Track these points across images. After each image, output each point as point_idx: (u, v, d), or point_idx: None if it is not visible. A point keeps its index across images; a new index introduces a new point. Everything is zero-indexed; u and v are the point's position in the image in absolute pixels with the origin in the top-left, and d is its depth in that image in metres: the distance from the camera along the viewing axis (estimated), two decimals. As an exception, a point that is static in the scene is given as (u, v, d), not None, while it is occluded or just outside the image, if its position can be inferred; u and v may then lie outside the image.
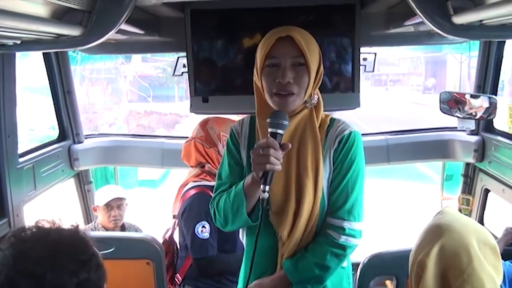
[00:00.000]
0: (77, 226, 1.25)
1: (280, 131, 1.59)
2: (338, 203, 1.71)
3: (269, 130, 1.59)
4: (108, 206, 3.20)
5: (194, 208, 2.50)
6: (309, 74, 1.66)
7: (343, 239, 1.69)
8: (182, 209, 2.56)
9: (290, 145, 1.60)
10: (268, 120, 1.60)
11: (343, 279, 1.84)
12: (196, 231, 2.47)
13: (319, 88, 2.75)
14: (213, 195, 1.84)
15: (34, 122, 10.84)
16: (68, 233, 1.21)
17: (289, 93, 1.65)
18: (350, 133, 1.73)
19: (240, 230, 1.91)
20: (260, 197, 1.57)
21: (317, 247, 1.71)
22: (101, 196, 3.23)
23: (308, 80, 1.66)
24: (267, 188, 1.55)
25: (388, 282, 2.18)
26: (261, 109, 1.74)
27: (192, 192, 2.56)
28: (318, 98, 1.76)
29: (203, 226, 2.47)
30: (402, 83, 24.97)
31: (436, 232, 1.38)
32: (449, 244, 1.34)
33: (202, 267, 2.55)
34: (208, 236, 2.47)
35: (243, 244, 1.93)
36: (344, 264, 1.81)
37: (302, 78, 1.65)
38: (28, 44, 1.75)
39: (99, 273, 1.20)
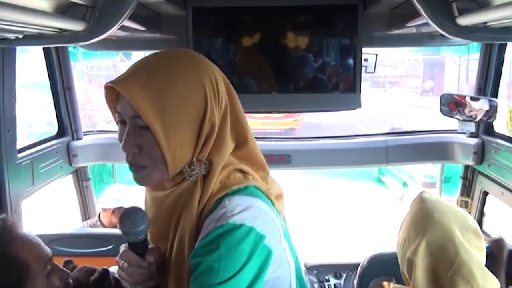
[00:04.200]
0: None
1: (140, 238, 1.18)
2: None
3: (128, 239, 1.20)
4: None
5: None
6: (160, 140, 1.11)
7: None
8: None
9: (156, 251, 1.20)
10: (118, 227, 1.20)
11: None
12: None
13: (319, 89, 2.79)
14: None
15: (32, 118, 10.80)
16: None
17: (138, 167, 1.16)
18: (221, 226, 1.09)
19: None
20: None
21: None
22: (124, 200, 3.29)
23: (162, 148, 1.11)
24: None
25: (385, 283, 2.17)
26: None
27: None
28: (212, 167, 1.17)
29: None
30: (400, 85, 24.91)
31: (419, 227, 1.42)
32: (434, 239, 1.37)
33: None
34: None
35: None
36: None
37: (150, 147, 1.13)
38: (30, 39, 1.74)
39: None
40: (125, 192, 3.33)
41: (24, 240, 1.25)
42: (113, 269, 1.54)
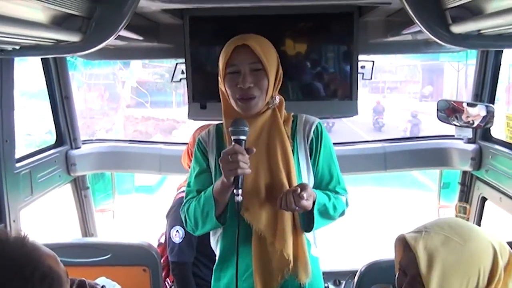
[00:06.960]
0: (24, 236, 1.18)
1: (242, 137, 1.68)
2: (333, 183, 1.89)
3: (233, 137, 1.69)
4: None
5: (175, 212, 2.49)
6: (267, 78, 1.74)
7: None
8: (168, 212, 2.56)
9: (254, 150, 1.69)
10: (230, 129, 1.70)
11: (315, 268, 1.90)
12: (170, 234, 2.50)
13: (316, 96, 2.80)
14: (183, 202, 1.90)
15: (31, 126, 10.82)
16: (11, 248, 1.14)
17: (251, 97, 1.74)
18: (319, 123, 1.88)
19: (211, 237, 1.94)
20: (235, 200, 1.67)
21: (337, 197, 1.87)
22: None
23: (268, 83, 1.75)
24: (240, 191, 1.66)
25: (383, 291, 2.18)
26: (228, 112, 1.84)
27: (180, 195, 2.56)
28: (280, 99, 1.85)
29: (177, 231, 2.48)
30: (399, 91, 24.96)
31: (484, 245, 1.37)
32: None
33: (173, 271, 2.56)
34: (180, 241, 2.48)
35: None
36: (317, 253, 1.91)
37: (262, 81, 1.74)
38: (27, 50, 1.76)
39: (45, 284, 1.14)
40: None
41: (49, 253, 1.22)
42: (100, 280, 1.54)
